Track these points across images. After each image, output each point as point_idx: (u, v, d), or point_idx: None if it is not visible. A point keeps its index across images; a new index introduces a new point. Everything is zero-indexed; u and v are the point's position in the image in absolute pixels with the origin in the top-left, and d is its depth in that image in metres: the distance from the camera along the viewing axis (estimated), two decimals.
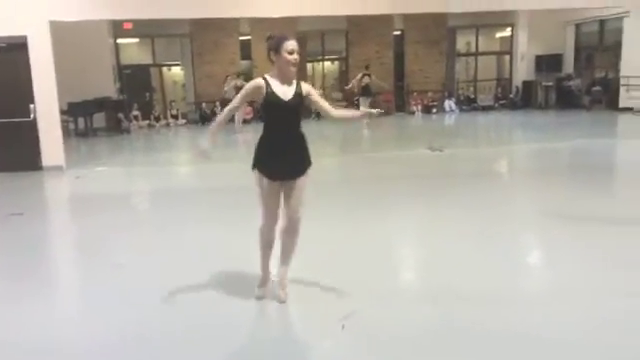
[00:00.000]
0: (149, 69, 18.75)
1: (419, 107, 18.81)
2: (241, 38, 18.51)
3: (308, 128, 3.53)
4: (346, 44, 19.14)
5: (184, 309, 3.62)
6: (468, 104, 19.58)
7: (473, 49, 20.38)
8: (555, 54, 18.97)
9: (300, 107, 3.44)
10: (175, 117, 18.11)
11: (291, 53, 3.36)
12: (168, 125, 17.68)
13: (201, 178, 8.93)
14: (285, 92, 3.36)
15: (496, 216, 5.64)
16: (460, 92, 20.10)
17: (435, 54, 19.25)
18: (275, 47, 3.35)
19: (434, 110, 18.97)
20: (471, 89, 20.33)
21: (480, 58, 20.43)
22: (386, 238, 5.04)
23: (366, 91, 15.57)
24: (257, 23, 17.55)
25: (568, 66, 19.05)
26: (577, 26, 18.87)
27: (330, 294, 3.70)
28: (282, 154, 3.38)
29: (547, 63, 18.90)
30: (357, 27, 18.23)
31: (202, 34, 17.87)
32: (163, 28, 16.64)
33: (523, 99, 19.43)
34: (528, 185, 7.57)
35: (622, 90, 16.77)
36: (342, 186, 7.74)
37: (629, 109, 15.94)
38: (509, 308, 3.44)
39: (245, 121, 16.21)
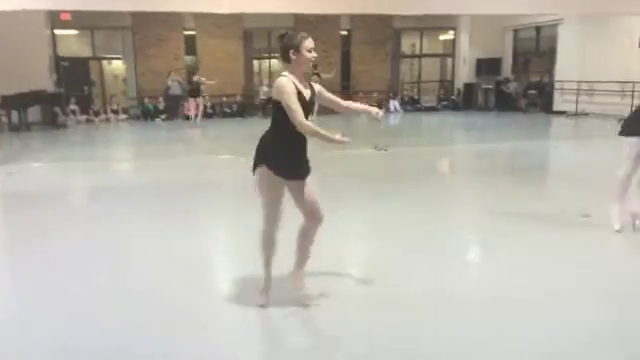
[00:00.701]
0: (88, 62, 18.08)
1: None
2: (186, 33, 18.16)
3: (253, 126, 3.48)
4: None
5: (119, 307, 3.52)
6: (412, 105, 20.01)
7: (418, 51, 20.83)
8: (494, 58, 19.67)
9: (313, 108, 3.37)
10: (115, 112, 17.57)
11: (310, 51, 3.30)
12: (108, 120, 17.13)
13: (142, 174, 8.71)
14: (306, 91, 3.33)
15: (437, 213, 5.78)
16: (404, 93, 20.50)
17: (381, 55, 19.53)
18: (296, 45, 3.26)
19: (382, 109, 19.23)
20: (415, 90, 20.78)
21: (424, 60, 20.91)
22: (329, 237, 5.06)
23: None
24: (202, 18, 17.30)
25: (506, 70, 19.80)
26: (515, 32, 19.63)
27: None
28: (301, 154, 3.37)
29: (487, 66, 19.57)
30: (305, 26, 18.19)
31: (145, 27, 17.39)
32: (104, 20, 16.08)
33: (464, 101, 20.04)
34: (467, 183, 7.79)
35: (556, 94, 17.59)
36: None
37: (562, 112, 16.73)
38: (442, 309, 3.53)
39: (189, 118, 15.96)
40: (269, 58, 19.87)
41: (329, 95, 3.59)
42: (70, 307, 3.58)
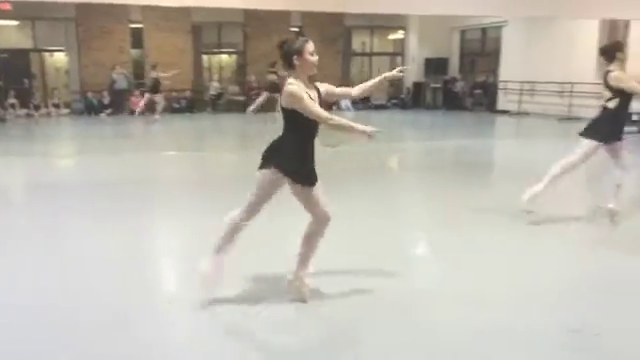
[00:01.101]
0: (28, 54, 17.31)
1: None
2: (132, 26, 17.67)
3: (202, 121, 3.42)
4: (244, 38, 18.93)
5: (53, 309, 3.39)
6: (363, 103, 20.18)
7: (368, 49, 21.03)
8: (442, 58, 20.11)
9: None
10: (57, 106, 16.93)
11: (312, 55, 3.33)
12: (49, 115, 16.48)
13: (82, 170, 8.43)
14: (313, 93, 3.34)
15: (385, 211, 5.86)
16: None
17: (332, 52, 19.61)
18: (298, 51, 3.27)
19: (334, 108, 19.35)
20: None
21: (374, 58, 21.14)
22: (277, 236, 5.05)
23: (274, 88, 15.51)
24: (149, 11, 16.86)
25: (454, 69, 20.28)
26: (462, 32, 20.13)
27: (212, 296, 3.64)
28: (312, 157, 3.41)
29: (435, 66, 19.99)
30: (255, 21, 18.10)
31: (89, 19, 16.80)
32: (46, 10, 15.44)
33: (413, 99, 20.40)
34: (416, 180, 7.95)
35: (500, 94, 18.16)
36: (234, 184, 7.62)
37: (506, 111, 17.28)
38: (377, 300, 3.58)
39: (133, 112, 15.58)
40: (219, 53, 19.62)
41: (339, 90, 3.70)
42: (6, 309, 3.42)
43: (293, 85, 3.20)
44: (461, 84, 19.61)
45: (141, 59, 17.94)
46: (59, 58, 18.04)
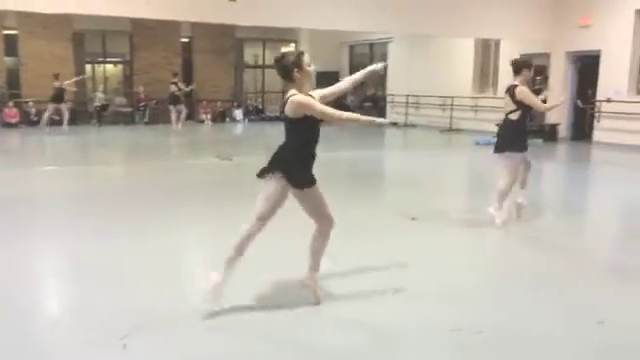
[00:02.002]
0: None
1: (209, 116, 18.81)
2: (5, 32, 16.35)
3: (84, 135, 3.24)
4: (130, 47, 18.20)
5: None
6: (256, 114, 20.21)
7: (260, 62, 21.09)
8: (333, 71, 20.64)
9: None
10: None
11: (310, 65, 3.45)
12: None
13: None
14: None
15: (280, 222, 5.87)
16: (249, 102, 20.64)
17: (224, 64, 19.45)
18: (298, 63, 3.39)
19: (227, 119, 19.21)
20: (259, 100, 21.01)
21: (267, 71, 21.23)
22: (171, 251, 4.90)
23: (175, 100, 15.11)
24: (25, 17, 15.66)
25: None
26: (351, 47, 20.88)
27: (110, 311, 3.46)
28: (313, 162, 3.52)
29: (326, 79, 20.09)
30: (143, 30, 17.48)
31: None
32: None
33: None
34: None
35: (388, 106, 19.02)
36: (126, 197, 7.29)
37: (394, 124, 18.11)
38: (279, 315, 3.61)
39: (7, 124, 14.40)
40: (104, 62, 18.69)
41: (329, 90, 3.82)
42: None
43: (298, 95, 3.34)
44: (352, 97, 20.27)
45: (16, 67, 16.63)
46: None
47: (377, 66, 3.96)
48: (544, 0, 13.50)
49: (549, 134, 13.55)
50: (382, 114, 19.07)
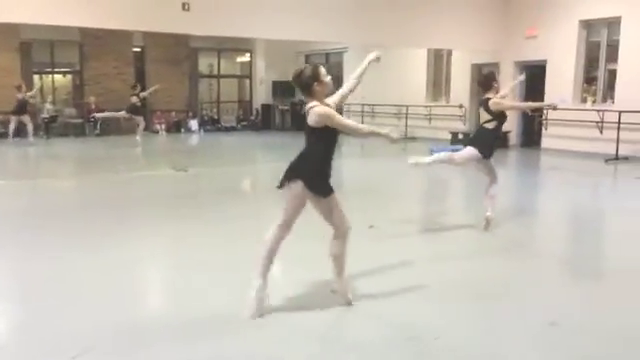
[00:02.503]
0: None
1: (163, 126, 18.50)
2: None
3: (34, 147, 3.12)
4: (80, 57, 17.72)
5: None
6: (212, 124, 20.01)
7: (215, 71, 20.92)
8: (289, 81, 20.62)
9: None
10: None
11: (326, 76, 3.59)
12: None
13: None
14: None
15: (237, 231, 5.81)
16: (204, 113, 20.42)
17: (178, 74, 19.19)
18: (316, 77, 3.56)
19: (182, 130, 18.94)
20: (215, 110, 20.82)
21: (222, 80, 21.09)
22: (125, 265, 4.77)
23: (135, 110, 14.82)
24: None
25: (300, 92, 20.97)
26: (307, 57, 20.96)
27: (60, 330, 3.33)
28: (330, 170, 3.70)
29: (283, 89, 20.51)
30: (93, 40, 17.07)
31: None
32: None
33: (263, 121, 20.70)
34: (267, 201, 8.01)
35: (345, 115, 19.11)
36: (77, 211, 7.06)
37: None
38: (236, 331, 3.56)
39: None
40: (52, 73, 18.12)
41: (338, 95, 3.98)
42: None
43: (319, 106, 3.50)
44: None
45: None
46: None
47: (373, 56, 4.28)
48: (493, 12, 13.94)
49: (500, 141, 13.92)
50: None
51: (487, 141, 5.70)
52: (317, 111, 3.49)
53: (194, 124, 19.33)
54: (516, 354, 3.15)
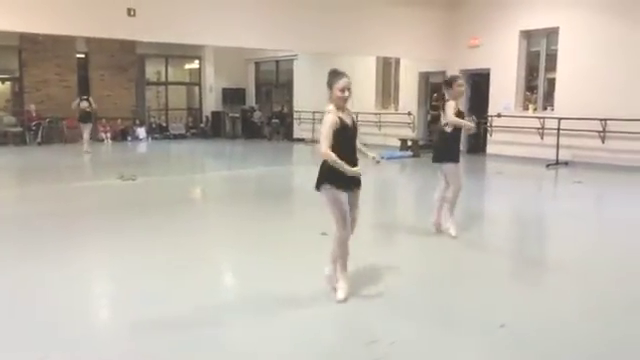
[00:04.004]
0: None
1: (109, 134, 17.98)
2: None
3: None
4: (20, 63, 17.01)
5: None
6: (160, 132, 19.61)
7: (163, 78, 20.53)
8: (239, 88, 20.58)
9: (357, 131, 4.03)
10: None
11: (343, 91, 3.87)
12: None
13: None
14: (349, 120, 3.94)
15: (188, 242, 5.70)
16: (152, 120, 19.98)
17: (124, 81, 18.72)
18: (330, 84, 3.92)
19: (129, 138, 18.47)
20: (163, 117, 20.41)
21: (171, 87, 20.71)
22: (72, 278, 4.58)
23: (86, 117, 14.29)
24: None
25: (251, 99, 20.89)
26: (257, 64, 20.89)
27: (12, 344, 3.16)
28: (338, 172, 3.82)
29: (232, 96, 20.37)
30: (34, 45, 16.44)
31: None
32: None
33: (213, 128, 20.45)
34: (218, 210, 7.89)
35: (295, 123, 19.18)
36: (14, 224, 6.73)
37: (302, 139, 18.29)
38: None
39: None
40: None
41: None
42: None
43: (329, 114, 3.85)
44: (259, 114, 20.25)
45: None
46: None
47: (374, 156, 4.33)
48: (439, 22, 14.30)
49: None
50: (290, 130, 19.25)
51: (449, 145, 5.78)
52: (324, 117, 3.90)
53: (142, 132, 18.89)
54: (468, 357, 3.21)
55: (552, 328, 3.55)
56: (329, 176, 3.83)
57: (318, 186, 3.90)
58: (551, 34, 12.77)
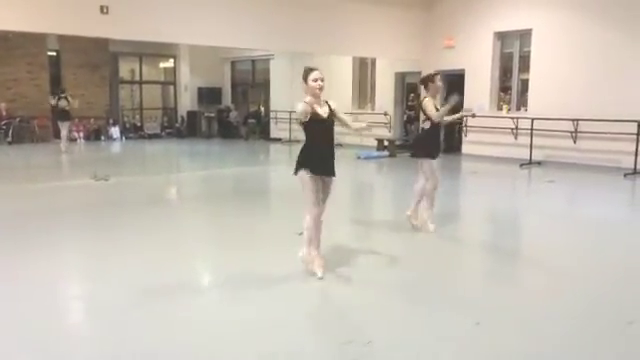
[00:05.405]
0: None
1: (81, 134, 17.67)
2: None
3: None
4: None
5: None
6: (135, 132, 19.35)
7: (137, 77, 20.26)
8: (215, 87, 20.41)
9: (333, 122, 4.40)
10: None
11: (315, 81, 4.28)
12: None
13: None
14: (324, 110, 4.31)
15: (164, 241, 5.63)
16: (126, 119, 19.70)
17: (97, 79, 18.42)
18: (304, 77, 4.34)
19: (102, 137, 18.17)
20: (137, 117, 20.14)
21: (145, 86, 20.45)
22: (48, 280, 4.48)
23: (64, 115, 14.02)
24: None
25: (227, 99, 20.74)
26: (233, 63, 20.75)
27: None
28: (326, 157, 4.35)
29: (208, 95, 20.19)
30: (4, 43, 16.04)
31: None
32: None
33: (188, 128, 20.25)
34: (194, 209, 7.82)
35: (272, 123, 19.11)
36: None
37: (278, 139, 18.24)
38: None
39: None
40: None
41: (341, 114, 4.54)
42: None
43: (301, 103, 4.22)
44: (235, 113, 20.11)
45: None
46: None
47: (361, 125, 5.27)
48: (415, 22, 14.39)
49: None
50: (267, 129, 19.18)
51: (427, 141, 5.88)
52: (297, 106, 4.22)
53: (115, 131, 18.61)
54: (444, 356, 3.23)
55: (527, 324, 3.60)
56: (305, 162, 4.29)
57: (296, 171, 4.32)
58: (524, 35, 12.97)
